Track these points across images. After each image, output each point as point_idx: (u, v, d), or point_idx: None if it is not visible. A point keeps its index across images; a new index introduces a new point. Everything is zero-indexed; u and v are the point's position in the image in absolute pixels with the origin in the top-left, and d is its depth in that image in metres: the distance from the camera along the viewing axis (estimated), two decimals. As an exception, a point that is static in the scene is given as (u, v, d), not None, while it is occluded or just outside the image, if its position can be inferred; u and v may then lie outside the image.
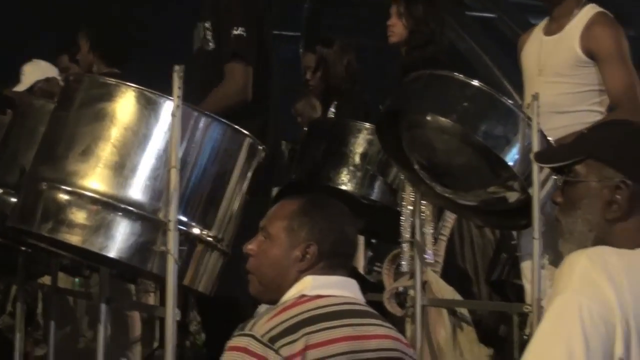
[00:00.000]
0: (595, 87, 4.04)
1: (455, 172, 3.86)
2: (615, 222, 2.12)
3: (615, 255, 2.00)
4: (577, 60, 4.04)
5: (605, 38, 4.04)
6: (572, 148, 2.25)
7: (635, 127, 2.39)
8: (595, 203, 2.12)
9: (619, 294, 1.92)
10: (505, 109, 3.69)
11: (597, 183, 2.12)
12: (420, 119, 3.84)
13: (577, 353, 1.85)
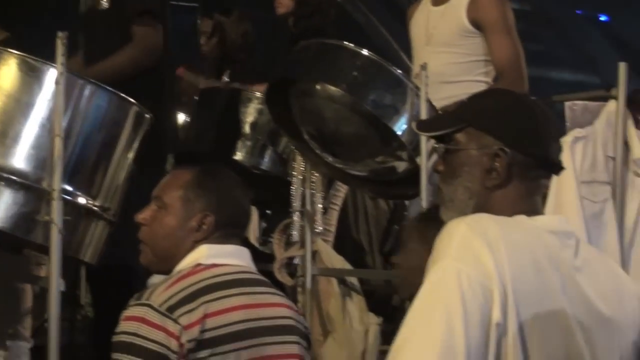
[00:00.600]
0: (482, 57, 4.10)
1: (345, 142, 3.87)
2: (495, 189, 2.13)
3: (494, 223, 2.02)
4: (463, 31, 4.09)
5: (491, 8, 4.09)
6: (453, 116, 2.27)
7: (515, 96, 2.40)
8: (475, 171, 2.14)
9: (496, 260, 1.93)
10: (394, 79, 3.71)
11: (477, 151, 2.14)
12: (309, 88, 3.84)
13: (455, 318, 1.86)
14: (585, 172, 3.75)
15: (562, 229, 2.13)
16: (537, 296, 1.98)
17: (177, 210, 2.65)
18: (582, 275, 2.08)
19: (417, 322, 1.91)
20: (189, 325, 2.42)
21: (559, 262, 2.05)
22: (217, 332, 2.47)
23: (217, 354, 2.46)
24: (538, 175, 2.17)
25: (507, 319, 1.92)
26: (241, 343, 2.51)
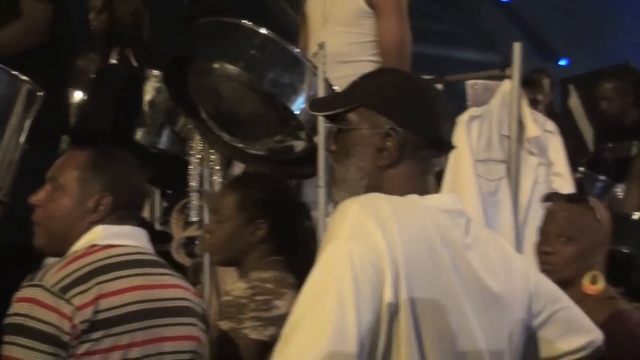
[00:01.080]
0: (376, 38, 4.11)
1: (244, 121, 3.86)
2: (386, 169, 2.15)
3: (386, 202, 2.03)
4: (359, 11, 4.11)
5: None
6: (345, 96, 2.28)
7: (407, 75, 2.43)
8: (367, 150, 2.15)
9: (388, 240, 1.95)
10: (293, 58, 3.70)
11: (368, 130, 2.15)
12: (207, 66, 3.81)
13: (347, 297, 1.87)
14: (481, 150, 3.81)
15: (453, 208, 2.16)
16: (428, 274, 2.00)
17: (73, 191, 2.63)
18: (472, 253, 2.11)
19: (309, 304, 1.91)
20: (82, 306, 2.40)
21: (450, 240, 2.08)
22: (111, 313, 2.45)
23: (111, 335, 2.44)
24: (429, 155, 2.20)
25: (399, 298, 1.94)
26: (136, 324, 2.50)
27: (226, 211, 3.23)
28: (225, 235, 3.23)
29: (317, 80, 3.59)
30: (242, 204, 3.21)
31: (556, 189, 3.92)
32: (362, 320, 1.87)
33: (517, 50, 3.83)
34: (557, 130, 4.03)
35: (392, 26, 4.10)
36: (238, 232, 3.20)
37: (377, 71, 3.03)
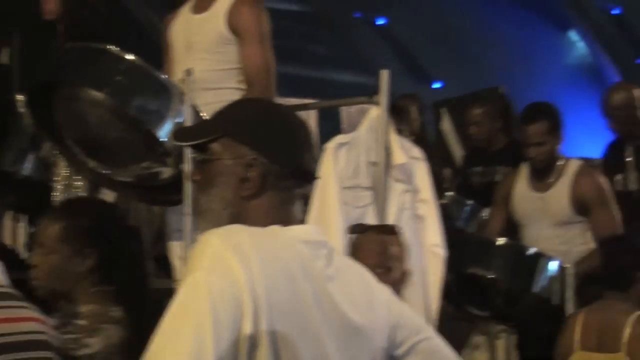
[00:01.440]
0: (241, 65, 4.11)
1: (110, 147, 3.82)
2: (249, 199, 2.14)
3: (247, 234, 2.03)
4: (222, 38, 4.10)
5: (248, 17, 4.11)
6: (208, 126, 2.28)
7: (270, 105, 2.43)
8: (230, 181, 2.13)
9: (248, 272, 1.94)
10: (160, 84, 3.70)
11: (232, 161, 2.14)
12: (73, 92, 3.76)
13: (205, 330, 1.86)
14: (348, 177, 3.83)
15: (315, 239, 2.15)
16: (289, 307, 2.00)
17: None
18: (334, 285, 2.11)
19: (167, 337, 1.89)
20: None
21: (312, 272, 2.08)
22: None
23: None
24: (292, 185, 2.19)
25: (258, 330, 1.93)
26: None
27: (51, 243, 3.03)
28: (50, 268, 3.02)
29: (185, 107, 3.58)
30: (67, 234, 3.03)
31: (422, 215, 3.98)
32: (220, 354, 1.87)
33: (385, 78, 3.87)
34: (424, 157, 4.07)
35: (254, 53, 4.09)
36: (64, 264, 3.01)
37: (241, 100, 3.02)
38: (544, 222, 5.19)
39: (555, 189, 5.18)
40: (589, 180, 5.15)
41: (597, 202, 5.09)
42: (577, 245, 5.11)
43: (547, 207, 5.19)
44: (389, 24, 26.40)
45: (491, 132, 6.66)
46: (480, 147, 6.81)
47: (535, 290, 4.85)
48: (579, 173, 5.17)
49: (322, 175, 3.78)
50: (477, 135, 6.73)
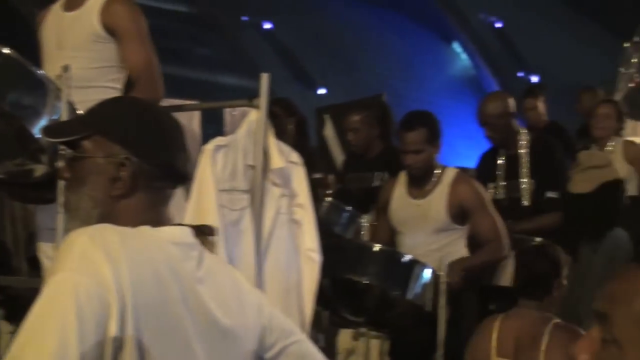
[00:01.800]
0: (114, 63, 4.08)
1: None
2: (120, 199, 2.13)
3: (116, 234, 2.01)
4: (96, 36, 4.06)
5: (124, 15, 4.09)
6: (80, 123, 2.26)
7: (143, 105, 2.41)
8: (100, 180, 2.13)
9: (116, 272, 1.93)
10: (36, 80, 3.63)
11: (103, 159, 2.13)
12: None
13: (69, 332, 1.84)
14: (226, 180, 3.82)
15: (186, 241, 2.15)
16: (157, 308, 1.99)
17: None
18: (204, 287, 2.12)
19: (30, 337, 1.87)
20: None
21: (181, 273, 2.07)
22: None
23: None
24: (164, 186, 2.19)
25: (125, 331, 1.92)
26: None
27: None
28: None
29: (61, 104, 3.52)
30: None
31: (298, 219, 3.99)
32: (85, 354, 1.85)
33: (265, 81, 3.88)
34: (302, 162, 4.09)
35: (137, 51, 4.07)
36: None
37: (113, 99, 2.99)
38: (421, 229, 5.26)
39: (433, 196, 5.26)
40: (466, 188, 5.24)
41: (476, 207, 5.18)
42: (453, 252, 5.18)
43: (425, 214, 5.26)
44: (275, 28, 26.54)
45: (369, 139, 6.74)
46: (357, 153, 6.89)
47: (409, 297, 4.91)
48: (455, 181, 5.26)
49: (199, 177, 3.78)
50: (355, 141, 6.81)
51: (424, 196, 5.29)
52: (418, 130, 5.21)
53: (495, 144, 6.12)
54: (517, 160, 6.01)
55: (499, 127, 5.97)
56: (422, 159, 5.22)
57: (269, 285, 3.83)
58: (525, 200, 5.96)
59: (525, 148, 6.02)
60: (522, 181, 5.99)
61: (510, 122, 6.06)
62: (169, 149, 2.20)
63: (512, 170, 6.02)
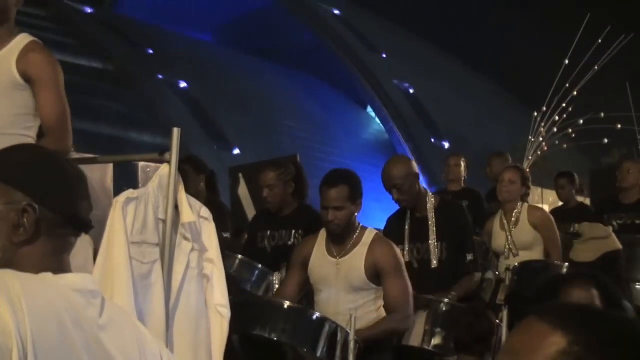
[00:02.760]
0: (30, 111, 4.04)
1: None
2: (22, 245, 2.11)
3: (17, 280, 1.99)
4: (12, 83, 4.02)
5: (40, 64, 4.06)
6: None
7: (47, 153, 2.40)
8: (2, 226, 2.10)
9: (17, 318, 1.90)
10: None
11: (4, 206, 2.11)
12: None
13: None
14: (136, 232, 3.79)
15: (88, 288, 2.14)
16: (58, 355, 1.97)
17: None
18: (106, 333, 2.11)
19: None
20: None
21: (83, 320, 2.06)
22: None
23: None
24: (66, 233, 2.19)
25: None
26: None
27: None
28: None
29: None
30: None
31: (207, 274, 3.97)
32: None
33: (176, 135, 3.88)
34: (211, 217, 4.08)
35: (51, 101, 4.02)
36: None
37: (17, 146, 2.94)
38: (339, 286, 5.26)
39: (351, 255, 5.26)
40: (384, 249, 5.26)
41: (390, 270, 5.20)
42: (369, 311, 5.18)
43: (343, 272, 5.26)
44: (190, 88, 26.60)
45: (284, 196, 6.74)
46: (271, 211, 6.86)
47: (318, 354, 4.88)
48: (374, 241, 5.28)
49: (109, 228, 3.74)
50: (270, 197, 6.79)
51: (343, 255, 5.29)
52: (340, 187, 5.24)
53: (403, 206, 6.17)
54: (425, 222, 6.07)
55: (405, 188, 6.04)
56: (343, 215, 5.24)
57: (178, 340, 3.79)
58: (433, 261, 6.01)
59: (432, 210, 6.09)
60: (430, 243, 6.04)
61: (416, 183, 6.14)
62: (71, 197, 2.19)
63: (420, 232, 6.08)
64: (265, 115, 26.42)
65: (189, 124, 18.61)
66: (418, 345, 5.38)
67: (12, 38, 4.11)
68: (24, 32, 4.16)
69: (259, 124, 25.70)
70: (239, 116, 25.75)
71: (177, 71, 26.81)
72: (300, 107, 28.76)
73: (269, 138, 23.26)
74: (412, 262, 5.91)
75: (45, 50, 4.13)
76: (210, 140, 24.38)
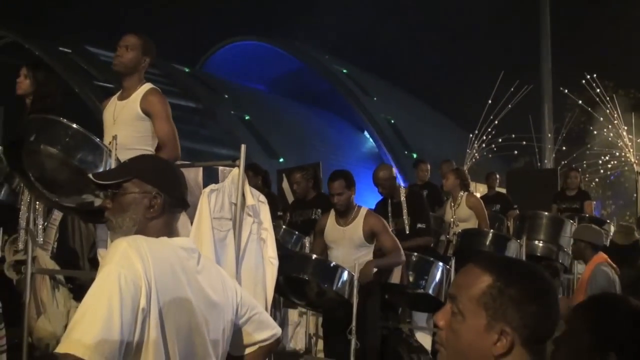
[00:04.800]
0: (149, 134, 4.04)
1: (60, 183, 3.67)
2: (151, 220, 2.12)
3: (145, 242, 2.00)
4: (137, 115, 4.02)
5: (155, 103, 4.04)
6: (121, 171, 2.22)
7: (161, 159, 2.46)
8: (139, 208, 2.11)
9: (145, 266, 1.92)
10: (95, 144, 3.60)
11: (140, 194, 2.11)
12: (36, 146, 3.60)
13: (114, 303, 1.83)
14: (217, 211, 3.80)
15: (189, 246, 2.14)
16: (171, 289, 1.98)
17: None
18: (201, 276, 2.10)
19: (89, 305, 1.86)
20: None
21: (187, 268, 2.06)
22: None
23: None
24: (176, 211, 2.20)
25: (150, 304, 1.91)
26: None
27: None
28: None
29: (111, 160, 3.49)
30: None
31: (264, 238, 3.97)
32: (124, 319, 1.83)
33: (243, 150, 3.88)
34: (266, 201, 4.08)
35: (163, 127, 4.01)
36: None
37: (144, 155, 2.99)
38: (345, 245, 5.24)
39: (353, 224, 5.26)
40: (375, 218, 5.26)
41: (381, 231, 5.18)
42: (365, 261, 5.13)
43: (347, 236, 5.25)
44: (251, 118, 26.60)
45: (306, 189, 6.77)
46: (300, 198, 6.91)
47: (334, 288, 4.89)
48: (367, 214, 5.28)
49: (199, 209, 3.75)
50: (297, 190, 6.83)
51: (347, 224, 5.29)
52: (339, 180, 5.24)
53: (385, 196, 6.18)
54: (400, 206, 6.07)
55: (387, 185, 6.04)
56: (343, 198, 5.23)
57: (244, 280, 3.80)
58: (407, 230, 6.01)
59: (403, 197, 6.09)
60: (403, 219, 6.04)
61: (394, 182, 6.14)
62: (181, 188, 2.20)
63: (396, 211, 6.08)
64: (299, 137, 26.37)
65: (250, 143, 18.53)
66: (398, 282, 5.37)
67: (140, 86, 4.12)
68: (148, 82, 4.16)
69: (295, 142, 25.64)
70: (282, 138, 25.74)
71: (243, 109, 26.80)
72: (322, 132, 28.66)
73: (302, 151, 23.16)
74: (393, 231, 5.90)
75: (160, 94, 4.13)
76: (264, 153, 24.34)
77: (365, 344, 4.87)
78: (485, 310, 1.48)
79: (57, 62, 21.95)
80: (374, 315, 5.12)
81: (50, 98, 4.54)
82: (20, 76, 4.59)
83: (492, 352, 1.46)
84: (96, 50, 24.96)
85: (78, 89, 21.97)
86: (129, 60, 4.07)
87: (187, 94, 25.71)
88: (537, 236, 6.96)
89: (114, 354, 1.80)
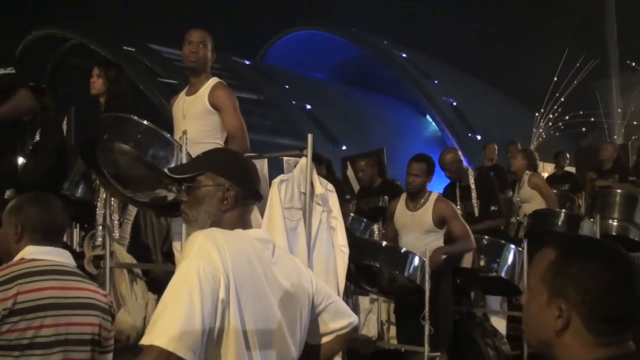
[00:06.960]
0: (218, 127, 4.07)
1: (134, 180, 3.75)
2: (225, 212, 2.12)
3: (221, 234, 2.00)
4: (206, 110, 4.05)
5: (223, 97, 4.06)
6: (195, 165, 2.23)
7: (233, 152, 2.45)
8: (213, 201, 2.11)
9: (222, 258, 1.92)
10: (165, 140, 3.65)
11: (214, 187, 2.11)
12: (109, 144, 3.69)
13: (195, 295, 1.83)
14: (287, 201, 3.81)
15: (264, 238, 2.14)
16: (248, 280, 1.98)
17: (5, 226, 2.48)
18: (276, 267, 2.10)
19: (170, 298, 1.86)
20: (4, 299, 2.27)
21: (262, 259, 2.06)
22: (26, 305, 2.31)
23: (26, 319, 2.31)
24: (250, 203, 2.18)
25: (229, 295, 1.91)
26: (46, 312, 2.35)
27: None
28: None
29: (182, 154, 3.54)
30: None
31: (333, 226, 3.97)
32: (205, 310, 1.84)
33: (310, 140, 3.87)
34: (334, 190, 4.08)
35: (232, 120, 4.03)
36: None
37: (216, 149, 2.99)
38: (415, 231, 5.21)
39: (423, 209, 5.21)
40: (444, 204, 5.20)
41: (451, 217, 5.13)
42: (435, 246, 5.09)
43: (417, 221, 5.21)
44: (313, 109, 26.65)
45: (371, 176, 6.73)
46: (365, 186, 6.88)
47: (405, 274, 4.86)
48: (437, 200, 5.22)
49: (270, 199, 3.78)
50: (363, 177, 6.81)
51: (416, 209, 5.24)
52: (421, 162, 5.19)
53: (453, 180, 6.10)
54: (468, 189, 5.98)
55: (454, 168, 5.96)
56: (418, 182, 5.18)
57: (316, 269, 3.80)
58: (476, 212, 5.93)
59: (472, 180, 6.00)
60: (472, 202, 5.96)
61: (461, 165, 6.05)
62: (253, 180, 2.19)
63: (465, 195, 5.99)
64: (361, 124, 26.27)
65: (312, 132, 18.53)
66: (470, 267, 5.30)
67: (207, 80, 4.15)
68: (214, 77, 4.19)
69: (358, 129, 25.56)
70: (344, 125, 25.69)
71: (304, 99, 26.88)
72: (384, 118, 28.49)
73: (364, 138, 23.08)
74: (462, 215, 5.82)
75: (227, 87, 4.15)
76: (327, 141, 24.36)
77: (438, 329, 4.83)
78: (546, 286, 1.47)
79: (123, 61, 22.52)
80: (447, 300, 5.07)
81: (123, 96, 4.64)
82: (92, 76, 4.69)
83: (554, 328, 1.44)
84: (158, 48, 25.44)
85: (143, 86, 22.47)
86: (204, 56, 4.11)
87: (248, 86, 25.95)
88: (611, 215, 6.75)
89: (196, 344, 1.82)
